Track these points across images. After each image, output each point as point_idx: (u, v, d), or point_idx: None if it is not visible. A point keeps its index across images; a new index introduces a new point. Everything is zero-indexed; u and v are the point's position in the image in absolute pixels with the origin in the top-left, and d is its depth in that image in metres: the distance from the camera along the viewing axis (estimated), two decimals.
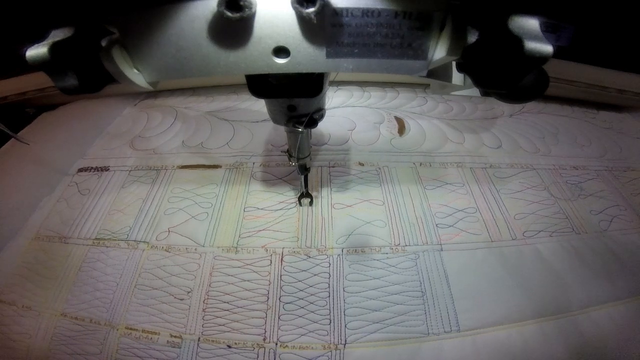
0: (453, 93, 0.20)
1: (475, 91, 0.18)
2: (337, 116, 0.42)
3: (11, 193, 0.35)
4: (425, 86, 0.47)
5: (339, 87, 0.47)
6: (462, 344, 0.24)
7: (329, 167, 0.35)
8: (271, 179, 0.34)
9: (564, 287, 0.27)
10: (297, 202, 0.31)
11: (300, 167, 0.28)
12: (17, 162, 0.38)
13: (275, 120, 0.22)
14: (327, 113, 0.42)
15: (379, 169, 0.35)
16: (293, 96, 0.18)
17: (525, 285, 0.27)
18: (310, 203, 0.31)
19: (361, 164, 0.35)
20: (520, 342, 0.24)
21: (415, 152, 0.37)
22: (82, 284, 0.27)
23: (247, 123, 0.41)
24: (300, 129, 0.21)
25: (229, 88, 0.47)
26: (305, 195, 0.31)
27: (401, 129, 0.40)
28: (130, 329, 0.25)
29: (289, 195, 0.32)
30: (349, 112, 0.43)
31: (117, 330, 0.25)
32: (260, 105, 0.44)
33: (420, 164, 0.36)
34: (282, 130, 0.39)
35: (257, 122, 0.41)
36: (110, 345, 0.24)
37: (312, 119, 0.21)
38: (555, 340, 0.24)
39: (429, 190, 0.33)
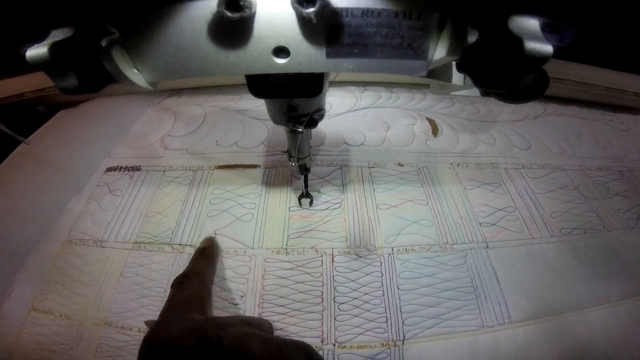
0: (453, 93, 0.20)
1: (475, 91, 0.18)
2: (369, 117, 0.42)
3: (33, 196, 0.33)
4: None
5: (366, 88, 0.47)
6: (515, 335, 0.25)
7: (369, 167, 0.35)
8: (312, 178, 0.33)
9: (602, 280, 0.28)
10: (297, 203, 0.30)
11: (300, 167, 0.27)
12: (35, 164, 0.36)
13: (275, 120, 0.22)
14: (359, 113, 0.43)
15: (419, 169, 0.35)
16: (293, 96, 0.18)
17: (567, 279, 0.28)
18: (310, 203, 0.31)
19: (400, 165, 0.36)
20: (567, 332, 0.25)
21: (450, 152, 0.38)
22: (126, 290, 0.26)
23: None
24: (300, 129, 0.21)
25: None
26: (305, 195, 0.30)
27: (435, 130, 0.40)
28: None
29: (333, 195, 0.32)
30: (380, 112, 0.43)
31: None
32: None
33: (458, 165, 0.36)
34: (316, 129, 0.39)
35: None
36: None
37: (312, 119, 0.21)
38: (597, 330, 0.26)
39: (468, 190, 0.34)
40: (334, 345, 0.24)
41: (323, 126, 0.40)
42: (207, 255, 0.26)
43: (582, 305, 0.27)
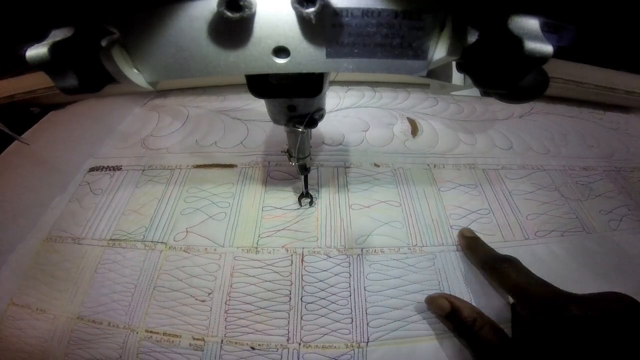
0: (453, 93, 0.20)
1: (475, 91, 0.18)
2: (351, 117, 0.42)
3: (21, 194, 0.34)
4: None
5: (350, 88, 0.47)
6: None
7: (345, 167, 0.35)
8: (288, 177, 0.34)
9: (577, 284, 0.28)
10: (297, 203, 0.31)
11: (300, 167, 0.27)
12: (25, 163, 0.37)
13: (275, 120, 0.22)
14: (341, 113, 0.43)
15: (395, 170, 0.35)
16: (293, 96, 0.18)
17: None
18: (311, 203, 0.31)
19: (377, 165, 0.36)
20: None
21: (429, 153, 0.37)
22: (98, 286, 0.27)
23: (260, 122, 0.41)
24: (300, 129, 0.21)
25: (241, 87, 0.47)
26: (305, 195, 0.30)
27: (414, 130, 0.40)
28: (151, 332, 0.24)
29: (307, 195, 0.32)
30: (361, 112, 0.43)
31: (137, 333, 0.24)
32: None
33: (435, 166, 0.36)
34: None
35: (270, 121, 0.41)
36: (130, 349, 0.24)
37: (312, 119, 0.21)
38: None
39: (443, 192, 0.34)
40: (299, 344, 0.24)
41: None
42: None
43: None
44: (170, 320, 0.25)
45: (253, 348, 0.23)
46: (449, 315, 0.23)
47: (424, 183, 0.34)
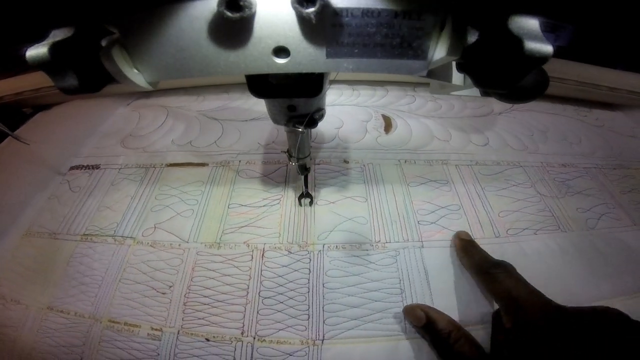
0: (453, 93, 0.20)
1: (475, 91, 0.18)
2: (327, 115, 0.42)
3: (4, 191, 0.36)
4: (415, 85, 0.47)
5: (330, 86, 0.47)
6: None
7: (315, 164, 0.35)
8: (257, 176, 0.34)
9: (546, 286, 0.26)
10: (297, 202, 0.31)
11: (301, 167, 0.28)
12: (11, 161, 0.39)
13: (275, 120, 0.22)
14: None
15: (364, 166, 0.35)
16: (293, 96, 0.18)
17: None
18: (310, 203, 0.31)
19: (346, 162, 0.36)
20: None
21: (401, 149, 0.37)
22: (69, 278, 0.28)
23: (236, 122, 0.42)
24: (300, 129, 0.21)
25: (220, 88, 0.48)
26: (305, 195, 0.31)
27: (388, 127, 0.40)
28: (113, 321, 0.25)
29: (273, 192, 0.33)
30: (337, 110, 0.43)
31: (101, 323, 0.25)
32: (250, 105, 0.45)
33: (405, 161, 0.36)
34: (269, 128, 0.40)
35: (245, 121, 0.42)
36: (93, 337, 0.25)
37: (312, 119, 0.21)
38: None
39: (412, 188, 0.33)
40: (254, 338, 0.24)
41: (278, 125, 0.40)
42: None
43: None
44: (132, 311, 0.26)
45: (208, 340, 0.24)
46: (424, 326, 0.22)
47: (392, 179, 0.34)
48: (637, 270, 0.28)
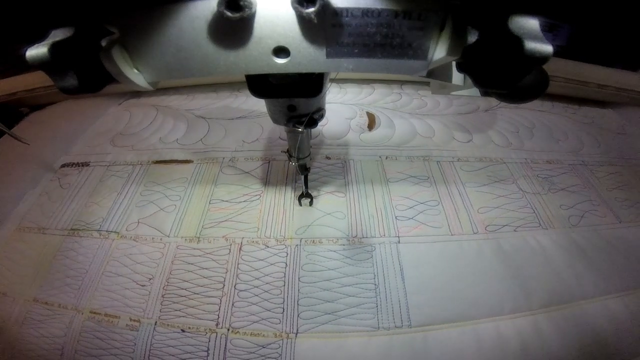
0: (453, 93, 0.20)
1: (475, 91, 0.18)
2: None
3: None
4: (402, 82, 0.47)
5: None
6: (412, 340, 0.23)
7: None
8: (238, 172, 0.35)
9: (524, 284, 0.26)
10: (297, 202, 0.31)
11: (301, 167, 0.28)
12: (4, 158, 0.40)
13: (275, 120, 0.22)
14: None
15: (345, 162, 0.35)
16: (293, 96, 0.18)
17: (481, 282, 0.26)
18: (311, 203, 0.31)
19: (328, 158, 0.36)
20: (473, 341, 0.23)
21: (382, 146, 0.37)
22: (55, 271, 0.29)
23: (222, 120, 0.42)
24: (300, 129, 0.21)
25: (209, 87, 0.49)
26: (305, 195, 0.31)
27: (371, 124, 0.40)
28: (94, 313, 0.26)
29: (253, 188, 0.33)
30: None
31: (83, 314, 0.26)
32: (237, 104, 0.46)
33: (387, 157, 0.36)
34: (255, 126, 0.41)
35: (232, 119, 0.43)
36: (74, 328, 0.26)
37: (312, 119, 0.21)
38: (511, 340, 0.23)
39: (392, 183, 0.33)
40: (228, 329, 0.25)
41: (262, 123, 0.41)
42: None
43: (495, 311, 0.24)
44: (112, 303, 0.26)
45: (183, 330, 0.25)
46: None
47: (372, 174, 0.34)
48: (622, 269, 0.28)
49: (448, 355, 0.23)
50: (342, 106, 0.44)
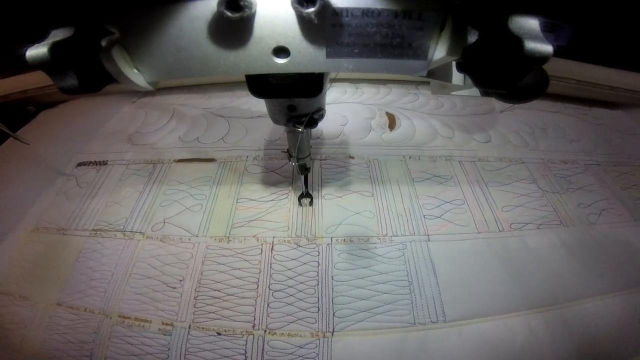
0: (453, 93, 0.20)
1: (475, 91, 0.18)
2: (330, 112, 0.42)
3: (12, 187, 0.36)
4: (418, 83, 0.48)
5: (332, 85, 0.47)
6: (448, 335, 0.24)
7: (321, 160, 0.36)
8: (264, 171, 0.35)
9: (551, 279, 0.27)
10: (298, 202, 0.31)
11: (301, 167, 0.28)
12: (18, 158, 0.39)
13: (275, 120, 0.22)
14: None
15: (369, 162, 0.36)
16: (293, 96, 0.18)
17: (511, 277, 0.27)
18: (310, 203, 0.31)
19: (352, 157, 0.36)
20: (506, 334, 0.24)
21: (404, 146, 0.38)
22: (78, 274, 0.28)
23: (241, 119, 0.42)
24: (300, 129, 0.21)
25: (224, 86, 0.48)
26: (305, 195, 0.31)
27: (392, 124, 0.40)
28: (123, 317, 0.25)
29: (281, 187, 0.33)
30: (342, 108, 0.43)
31: (111, 318, 0.25)
32: (254, 102, 0.45)
33: (410, 157, 0.36)
34: (275, 125, 0.40)
35: (251, 118, 0.42)
36: (103, 333, 0.25)
37: (312, 119, 0.21)
38: (541, 332, 0.24)
39: (417, 183, 0.34)
40: (265, 331, 0.24)
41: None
42: None
43: (528, 306, 0.25)
44: (142, 306, 0.26)
45: (219, 333, 0.24)
46: None
47: (398, 174, 0.34)
48: (638, 265, 0.29)
49: (483, 349, 0.23)
50: (360, 106, 0.44)
